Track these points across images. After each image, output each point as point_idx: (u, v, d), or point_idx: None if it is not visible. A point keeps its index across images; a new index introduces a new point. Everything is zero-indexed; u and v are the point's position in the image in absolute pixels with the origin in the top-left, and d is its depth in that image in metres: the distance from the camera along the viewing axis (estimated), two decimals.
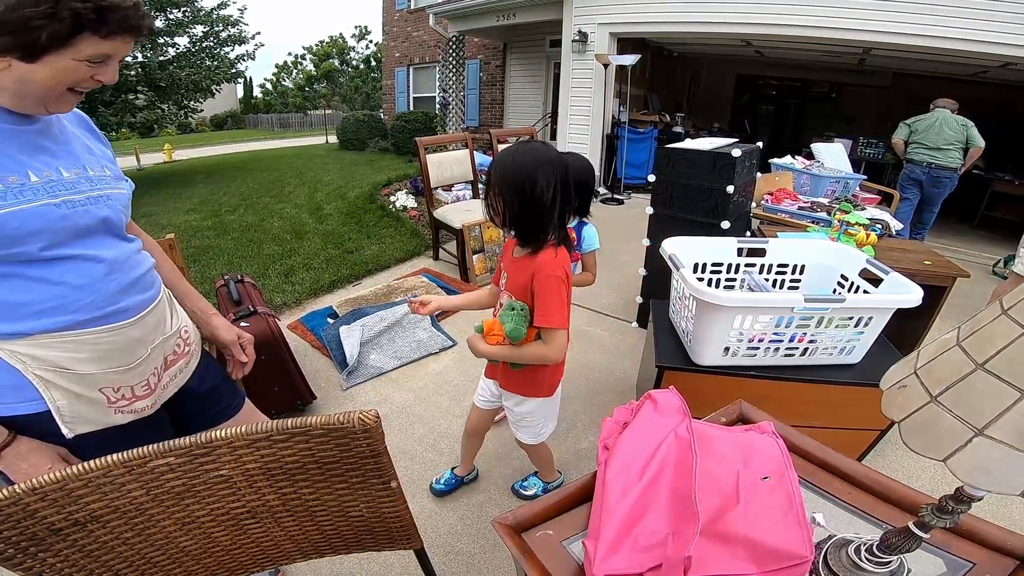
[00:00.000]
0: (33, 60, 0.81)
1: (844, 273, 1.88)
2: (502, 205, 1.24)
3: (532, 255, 1.31)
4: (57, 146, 0.95)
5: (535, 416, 1.59)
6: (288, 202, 6.49)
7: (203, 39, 9.38)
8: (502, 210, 1.25)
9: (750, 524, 0.79)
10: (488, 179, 1.26)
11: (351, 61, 33.79)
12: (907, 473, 2.09)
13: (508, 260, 1.42)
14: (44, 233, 0.87)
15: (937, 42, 4.79)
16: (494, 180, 1.24)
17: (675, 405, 0.99)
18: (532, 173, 1.19)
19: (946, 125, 4.54)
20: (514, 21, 8.22)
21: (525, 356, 1.35)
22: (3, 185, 0.83)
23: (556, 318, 1.28)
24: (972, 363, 0.54)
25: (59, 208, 0.89)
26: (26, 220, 0.85)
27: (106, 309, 0.95)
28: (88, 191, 0.96)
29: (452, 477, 1.97)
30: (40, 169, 0.90)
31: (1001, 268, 4.64)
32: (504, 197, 1.23)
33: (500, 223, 1.29)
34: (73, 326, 0.92)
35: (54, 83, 0.85)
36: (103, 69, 0.88)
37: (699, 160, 2.64)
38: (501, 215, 1.26)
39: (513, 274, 1.37)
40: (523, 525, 0.90)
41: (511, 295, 1.36)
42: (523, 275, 1.32)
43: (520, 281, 1.33)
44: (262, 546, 0.95)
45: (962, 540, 0.86)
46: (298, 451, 0.81)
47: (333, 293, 3.82)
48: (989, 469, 0.52)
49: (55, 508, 0.70)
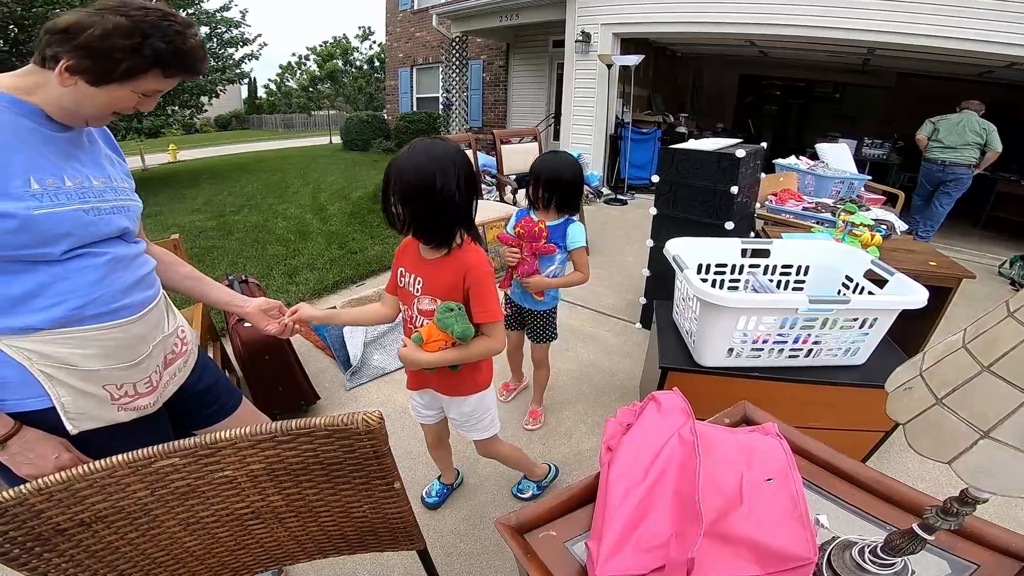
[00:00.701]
0: (98, 85, 0.88)
1: (849, 274, 1.88)
2: (404, 210, 1.18)
3: (450, 254, 1.28)
4: (86, 155, 1.00)
5: (479, 410, 1.56)
6: (292, 202, 6.51)
7: (207, 40, 9.42)
8: (404, 215, 1.19)
9: (754, 525, 0.79)
10: (385, 183, 1.19)
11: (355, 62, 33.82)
12: (912, 475, 2.08)
13: (415, 262, 1.34)
14: (71, 237, 0.91)
15: (941, 42, 4.77)
16: (393, 186, 1.17)
17: (678, 406, 0.98)
18: (432, 175, 1.15)
19: (968, 127, 4.72)
20: (517, 22, 8.23)
21: (474, 354, 1.33)
22: (41, 187, 0.88)
23: (496, 311, 1.31)
24: (978, 365, 0.54)
25: (87, 215, 0.94)
26: (58, 223, 0.89)
27: (112, 305, 0.98)
28: (113, 200, 1.01)
29: (442, 487, 1.96)
30: (73, 175, 0.94)
31: (1007, 269, 4.61)
32: (406, 202, 1.17)
33: (401, 228, 1.23)
34: (80, 321, 0.94)
35: (107, 108, 0.92)
36: (149, 101, 0.97)
37: (703, 161, 2.64)
38: (402, 220, 1.20)
39: (433, 276, 1.31)
40: (526, 526, 0.90)
41: (433, 298, 1.31)
42: (448, 275, 1.29)
43: (446, 281, 1.29)
44: (265, 546, 0.95)
45: (966, 542, 0.86)
46: (302, 452, 0.81)
47: (337, 293, 3.83)
48: (995, 472, 0.52)
49: (60, 508, 0.71)
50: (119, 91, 0.90)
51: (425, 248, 1.31)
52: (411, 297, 1.35)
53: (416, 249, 1.34)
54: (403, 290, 1.39)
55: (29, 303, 0.89)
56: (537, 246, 1.87)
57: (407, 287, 1.36)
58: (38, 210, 0.86)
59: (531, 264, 1.90)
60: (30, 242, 0.86)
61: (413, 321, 1.37)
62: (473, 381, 1.48)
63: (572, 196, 1.91)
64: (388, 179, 1.18)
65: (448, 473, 1.97)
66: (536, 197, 1.91)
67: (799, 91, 10.47)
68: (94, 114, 0.93)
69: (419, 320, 1.35)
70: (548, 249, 1.88)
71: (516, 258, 1.89)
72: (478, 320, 1.30)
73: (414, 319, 1.36)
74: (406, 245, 1.38)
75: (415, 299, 1.34)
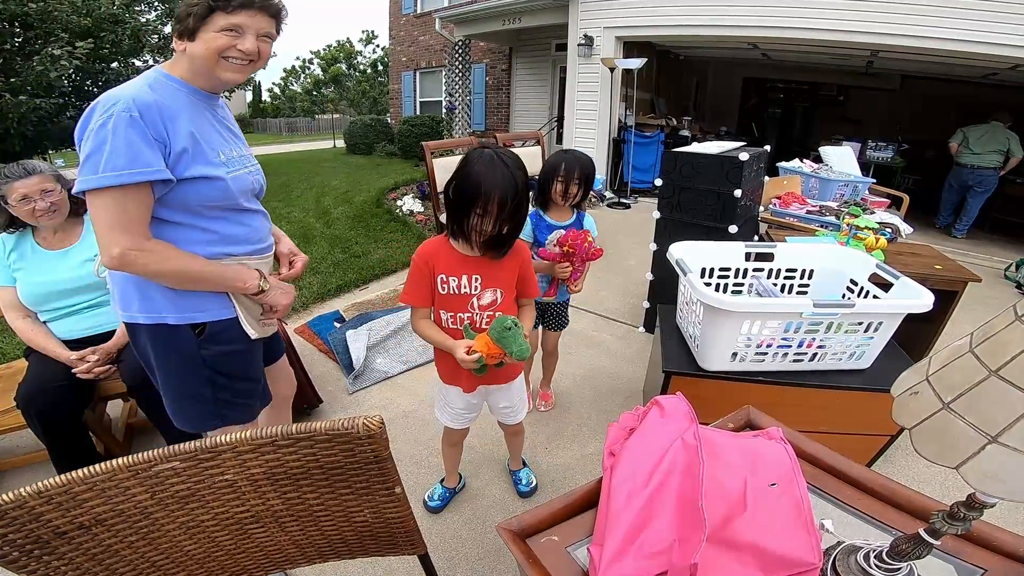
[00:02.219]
0: (192, 39, 1.14)
1: (853, 278, 1.87)
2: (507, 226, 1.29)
3: None
4: (229, 130, 1.33)
5: (522, 390, 1.71)
6: (296, 206, 6.53)
7: None
8: (505, 230, 1.29)
9: (758, 531, 0.78)
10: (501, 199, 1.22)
11: (358, 65, 33.98)
12: (918, 479, 2.06)
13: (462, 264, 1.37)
14: (245, 192, 1.31)
15: (944, 44, 4.77)
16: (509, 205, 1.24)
17: (682, 411, 0.98)
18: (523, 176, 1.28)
19: (994, 137, 5.49)
20: (520, 25, 8.26)
21: (534, 318, 1.52)
22: (225, 156, 1.24)
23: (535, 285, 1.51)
24: (985, 370, 0.53)
25: (250, 175, 1.34)
26: (241, 184, 1.28)
27: (266, 242, 1.42)
28: (254, 165, 1.40)
29: (444, 491, 1.95)
30: (232, 147, 1.30)
31: (1013, 272, 4.59)
32: (516, 217, 1.28)
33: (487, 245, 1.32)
34: (255, 253, 1.36)
35: (207, 52, 1.15)
36: (241, 39, 1.16)
37: (706, 164, 2.63)
38: (494, 236, 1.29)
39: (492, 270, 1.38)
40: (528, 531, 0.89)
41: (495, 289, 1.39)
42: (508, 267, 1.40)
43: (506, 274, 1.41)
44: (266, 550, 0.95)
45: (974, 546, 0.85)
46: (303, 456, 0.81)
47: (340, 297, 3.84)
48: (1003, 477, 0.52)
49: (60, 512, 0.70)
50: (205, 35, 1.14)
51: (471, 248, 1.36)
52: (466, 298, 1.39)
53: (452, 251, 1.38)
54: (447, 297, 1.39)
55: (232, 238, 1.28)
56: (588, 255, 1.91)
57: (455, 291, 1.38)
58: (230, 174, 1.23)
59: (580, 270, 1.98)
60: (230, 197, 1.24)
61: (473, 320, 1.41)
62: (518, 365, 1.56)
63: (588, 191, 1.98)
64: (502, 200, 1.22)
65: (453, 476, 1.97)
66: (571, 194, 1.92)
67: (803, 94, 10.47)
68: (203, 64, 1.17)
69: (479, 316, 1.41)
70: (597, 253, 1.93)
71: (567, 272, 1.93)
72: (532, 296, 1.49)
73: (473, 318, 1.41)
74: (433, 252, 1.38)
75: (472, 298, 1.39)
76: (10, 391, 1.78)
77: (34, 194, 1.72)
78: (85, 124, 1.08)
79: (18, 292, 1.81)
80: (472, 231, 1.28)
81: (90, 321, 1.91)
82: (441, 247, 1.38)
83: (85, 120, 1.09)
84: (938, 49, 4.86)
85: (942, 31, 4.72)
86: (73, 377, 1.77)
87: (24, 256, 1.82)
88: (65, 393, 1.76)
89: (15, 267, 1.81)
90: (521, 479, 2.00)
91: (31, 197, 1.72)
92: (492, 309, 1.40)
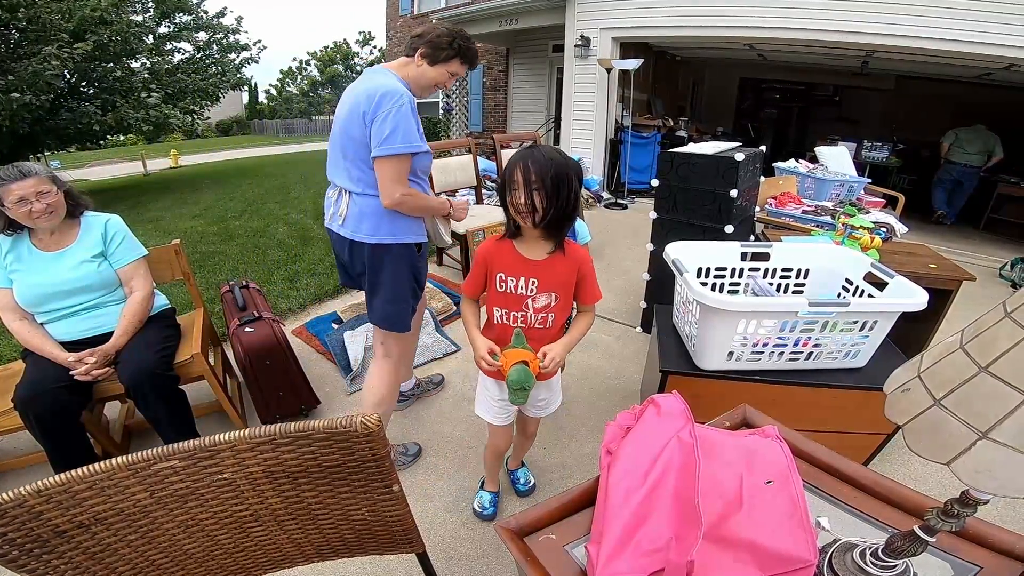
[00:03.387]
0: (432, 64, 1.74)
1: (849, 277, 1.88)
2: (544, 201, 1.27)
3: (562, 251, 1.39)
4: None
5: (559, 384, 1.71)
6: (293, 208, 6.52)
7: (207, 46, 9.47)
8: (543, 206, 1.27)
9: (753, 528, 0.79)
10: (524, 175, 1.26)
11: (355, 67, 33.96)
12: (914, 477, 2.07)
13: (520, 266, 1.40)
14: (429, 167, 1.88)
15: (939, 44, 4.78)
16: (535, 177, 1.25)
17: (678, 409, 0.98)
18: (568, 172, 1.27)
19: (979, 137, 6.40)
20: (517, 26, 8.26)
21: (588, 327, 1.50)
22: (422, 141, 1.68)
23: (598, 289, 1.49)
24: (976, 366, 0.54)
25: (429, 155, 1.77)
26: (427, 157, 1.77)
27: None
28: None
29: (492, 496, 1.92)
30: None
31: (1008, 271, 4.61)
32: (547, 193, 1.26)
33: (536, 220, 1.30)
34: None
35: (435, 78, 1.76)
36: (451, 80, 1.80)
37: (702, 164, 2.64)
38: (542, 211, 1.28)
39: (549, 274, 1.40)
40: (526, 529, 0.90)
41: (550, 293, 1.41)
42: (565, 271, 1.41)
43: (563, 278, 1.41)
44: (264, 549, 0.95)
45: (969, 544, 0.85)
46: (301, 454, 0.81)
47: (338, 299, 3.83)
48: (994, 472, 0.52)
49: (59, 510, 0.71)
50: (439, 69, 1.75)
51: (532, 249, 1.40)
52: (522, 299, 1.42)
53: (513, 252, 1.41)
54: (504, 295, 1.43)
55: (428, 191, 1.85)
56: None
57: (512, 291, 1.42)
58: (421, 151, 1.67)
59: None
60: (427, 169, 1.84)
61: (527, 321, 1.44)
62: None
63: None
64: (526, 168, 1.25)
65: (495, 481, 1.94)
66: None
67: (799, 94, 10.49)
68: (426, 85, 1.78)
69: (534, 317, 1.44)
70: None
71: None
72: (589, 303, 1.48)
73: (527, 318, 1.44)
74: (495, 250, 1.43)
75: (527, 299, 1.42)
76: (7, 393, 1.78)
77: (30, 196, 1.72)
78: (378, 107, 1.58)
79: (15, 294, 1.81)
80: (510, 208, 1.32)
81: (88, 323, 1.91)
82: (503, 247, 1.42)
83: (377, 104, 1.58)
84: (932, 49, 4.88)
85: (936, 31, 4.74)
86: (70, 378, 1.76)
87: (21, 258, 1.82)
88: (63, 394, 1.75)
89: (11, 269, 1.81)
90: (519, 478, 2.00)
91: (27, 199, 1.72)
92: (546, 311, 1.43)
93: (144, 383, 1.83)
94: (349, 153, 1.69)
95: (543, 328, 1.45)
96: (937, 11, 4.69)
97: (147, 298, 2.01)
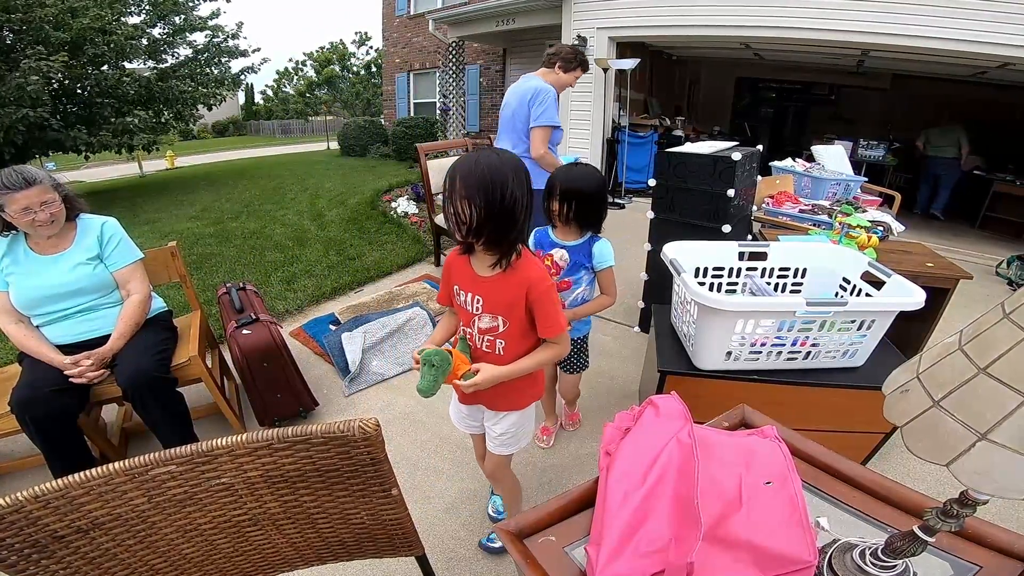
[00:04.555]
0: (565, 72, 2.92)
1: (846, 276, 1.88)
2: (471, 210, 1.13)
3: (510, 269, 1.24)
4: None
5: (523, 425, 1.51)
6: (290, 209, 6.51)
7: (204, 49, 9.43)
8: (469, 216, 1.13)
9: (753, 529, 0.79)
10: (451, 184, 1.15)
11: (352, 67, 33.93)
12: (913, 476, 2.08)
13: (470, 281, 1.30)
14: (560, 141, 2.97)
15: (934, 43, 4.79)
16: (459, 184, 1.13)
17: (677, 410, 0.98)
18: (502, 177, 1.12)
19: (947, 134, 6.93)
20: (513, 26, 8.25)
21: (544, 360, 1.33)
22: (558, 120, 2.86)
23: (562, 322, 1.29)
24: (974, 367, 0.54)
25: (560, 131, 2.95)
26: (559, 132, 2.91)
27: None
28: None
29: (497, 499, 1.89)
30: None
31: (1004, 269, 4.62)
32: (476, 200, 1.13)
33: (464, 233, 1.17)
34: None
35: (567, 82, 2.94)
36: (575, 82, 3.01)
37: (699, 164, 2.64)
38: (469, 221, 1.14)
39: (493, 294, 1.27)
40: (525, 531, 0.89)
41: (494, 316, 1.28)
42: (509, 292, 1.25)
43: (506, 299, 1.26)
44: (263, 553, 0.95)
45: (969, 543, 0.85)
46: (299, 459, 0.81)
47: (335, 300, 3.83)
48: (992, 474, 0.52)
49: (57, 516, 0.70)
50: (572, 75, 2.91)
51: (481, 264, 1.27)
52: (469, 316, 1.32)
53: (468, 266, 1.30)
54: (460, 307, 1.36)
55: None
56: None
57: (464, 305, 1.33)
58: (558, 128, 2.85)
59: None
60: (558, 142, 2.93)
61: (473, 341, 1.34)
62: (526, 394, 1.45)
63: (597, 212, 1.79)
64: (454, 175, 1.14)
65: None
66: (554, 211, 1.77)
67: (795, 93, 10.51)
68: (562, 85, 2.90)
69: (479, 339, 1.32)
70: (562, 285, 1.81)
71: None
72: (547, 335, 1.29)
73: (473, 338, 1.34)
74: (455, 261, 1.34)
75: (474, 318, 1.31)
76: (4, 396, 1.77)
77: (35, 206, 1.71)
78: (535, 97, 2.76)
79: (11, 297, 1.81)
80: (448, 219, 1.19)
81: (84, 326, 1.91)
82: (460, 258, 1.32)
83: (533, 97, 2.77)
84: (928, 48, 4.89)
85: (932, 30, 4.75)
86: (67, 381, 1.76)
87: (17, 261, 1.81)
88: (59, 397, 1.75)
89: (8, 272, 1.80)
90: (497, 502, 1.90)
91: (32, 208, 1.71)
92: (492, 335, 1.30)
93: (142, 386, 1.83)
94: (517, 126, 2.88)
95: (490, 352, 1.33)
96: (933, 10, 4.70)
97: (144, 301, 2.01)
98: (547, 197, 1.78)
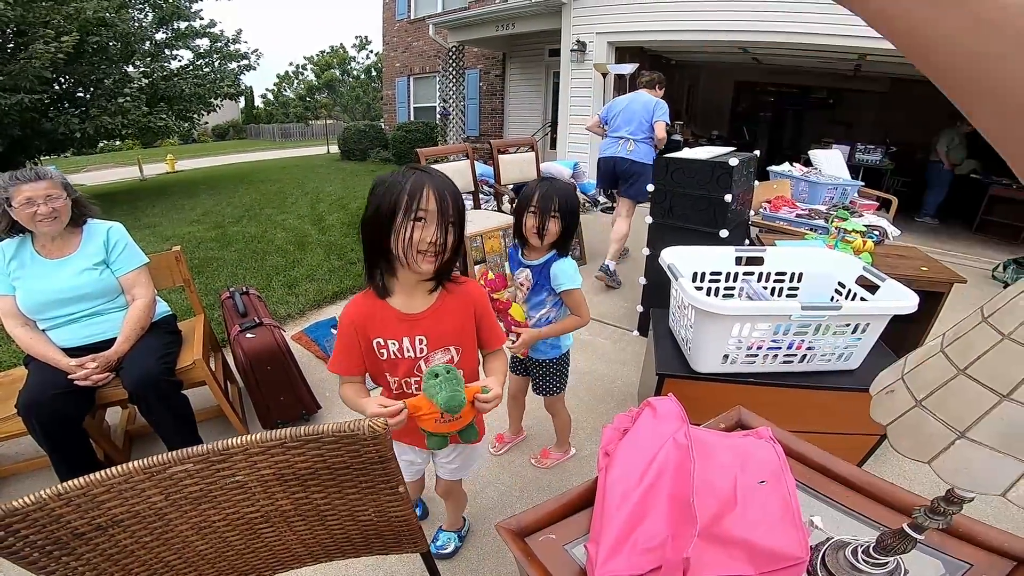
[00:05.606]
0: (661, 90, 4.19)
1: (842, 280, 1.91)
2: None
3: (448, 292, 1.17)
4: None
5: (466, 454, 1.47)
6: (290, 213, 6.54)
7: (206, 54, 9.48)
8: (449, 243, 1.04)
9: (747, 526, 0.82)
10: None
11: (352, 71, 34.00)
12: (908, 477, 2.10)
13: (402, 324, 1.14)
14: None
15: None
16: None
17: (674, 412, 1.01)
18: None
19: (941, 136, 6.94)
20: (513, 31, 8.30)
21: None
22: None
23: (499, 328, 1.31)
24: (954, 369, 0.57)
25: None
26: None
27: None
28: None
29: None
30: None
31: (1000, 272, 4.66)
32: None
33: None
34: None
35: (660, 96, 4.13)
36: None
37: (697, 169, 2.67)
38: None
39: (438, 325, 1.15)
40: (526, 530, 0.92)
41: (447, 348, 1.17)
42: (457, 317, 1.17)
43: (454, 325, 1.17)
44: (274, 550, 0.97)
45: (960, 542, 0.88)
46: (310, 457, 0.84)
47: (336, 304, 3.85)
48: (971, 470, 0.55)
49: (79, 513, 0.73)
50: (663, 92, 4.17)
51: (410, 300, 1.14)
52: (411, 363, 1.17)
53: (387, 309, 1.14)
54: (392, 362, 1.17)
55: None
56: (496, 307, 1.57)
57: (398, 355, 1.16)
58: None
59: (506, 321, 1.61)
60: None
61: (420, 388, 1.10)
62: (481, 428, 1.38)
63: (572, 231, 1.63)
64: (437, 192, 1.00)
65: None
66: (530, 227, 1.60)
67: (793, 97, 10.57)
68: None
69: None
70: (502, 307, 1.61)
71: None
72: (497, 345, 1.25)
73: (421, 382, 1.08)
74: (364, 311, 1.15)
75: (417, 362, 1.17)
76: (10, 399, 1.79)
77: (38, 198, 1.74)
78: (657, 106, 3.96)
79: (17, 300, 1.83)
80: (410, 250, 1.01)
81: (89, 330, 1.93)
82: (373, 306, 1.14)
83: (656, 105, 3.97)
84: None
85: None
86: (72, 384, 1.78)
87: (24, 264, 1.84)
88: (65, 400, 1.77)
89: (14, 275, 1.82)
90: (438, 538, 1.77)
91: (35, 200, 1.74)
92: None
93: (148, 389, 1.85)
94: (644, 124, 3.96)
95: None
96: None
97: (149, 305, 2.03)
98: (525, 212, 1.60)
